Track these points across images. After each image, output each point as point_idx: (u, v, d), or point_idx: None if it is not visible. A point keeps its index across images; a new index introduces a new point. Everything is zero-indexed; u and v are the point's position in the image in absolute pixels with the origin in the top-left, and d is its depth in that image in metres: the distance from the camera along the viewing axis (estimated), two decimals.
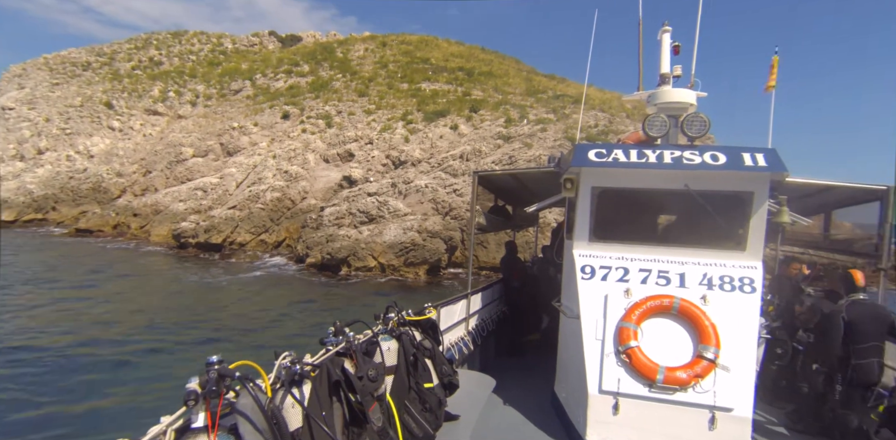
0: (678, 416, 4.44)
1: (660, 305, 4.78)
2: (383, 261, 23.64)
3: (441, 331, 5.76)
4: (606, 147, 5.30)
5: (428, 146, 32.21)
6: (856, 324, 5.18)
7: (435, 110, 36.18)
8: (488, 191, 8.96)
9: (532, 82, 43.88)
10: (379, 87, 42.44)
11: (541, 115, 33.08)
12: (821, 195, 6.55)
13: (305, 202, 30.88)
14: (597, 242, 5.35)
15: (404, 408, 3.61)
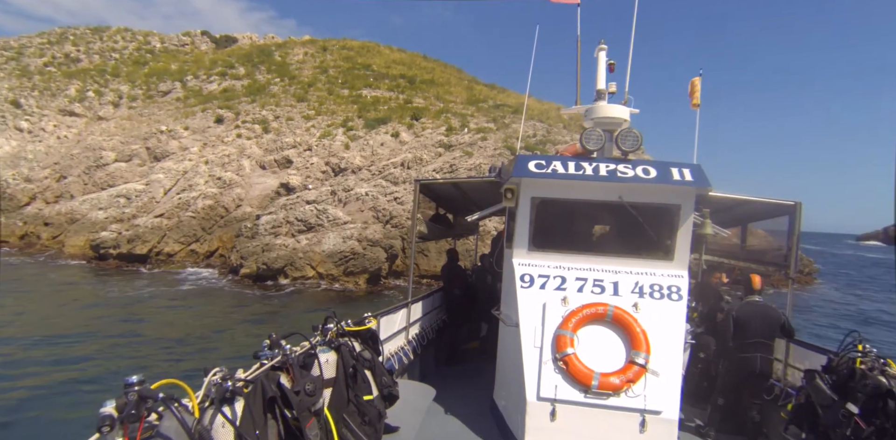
0: (611, 421, 4.61)
1: (595, 313, 4.94)
2: (322, 270, 23.11)
3: (381, 341, 5.74)
4: (546, 158, 5.47)
5: (369, 153, 31.97)
6: (744, 322, 5.77)
7: (376, 117, 36.00)
8: (430, 199, 9.01)
9: (473, 91, 44.68)
10: (319, 92, 41.69)
11: (481, 124, 33.74)
12: (738, 208, 7.06)
13: (240, 210, 29.65)
14: (536, 251, 5.49)
15: (343, 422, 3.55)
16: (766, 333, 5.70)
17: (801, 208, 6.07)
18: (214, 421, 2.37)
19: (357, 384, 3.74)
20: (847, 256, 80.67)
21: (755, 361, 5.65)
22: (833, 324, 21.85)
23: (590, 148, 5.45)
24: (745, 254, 7.94)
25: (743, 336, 5.75)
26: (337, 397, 3.58)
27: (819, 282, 36.19)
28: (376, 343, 4.43)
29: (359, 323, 4.34)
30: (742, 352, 5.74)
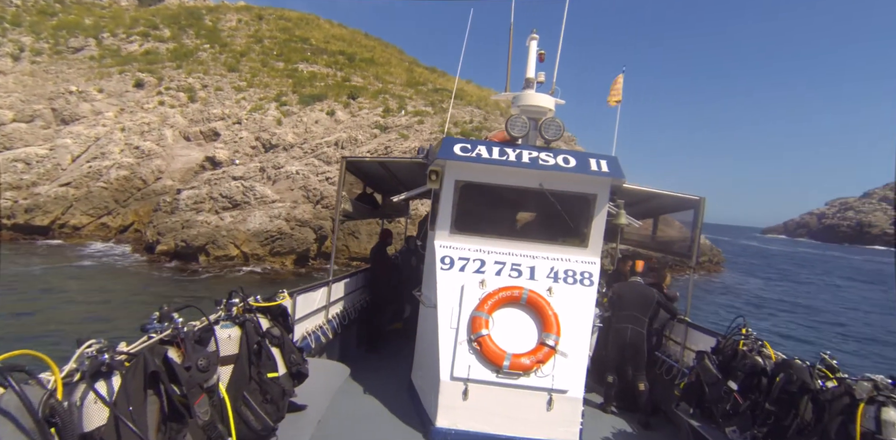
0: (520, 399, 4.78)
1: (510, 296, 5.09)
2: (247, 250, 22.18)
3: (293, 319, 5.58)
4: (472, 143, 5.54)
5: (302, 131, 30.80)
6: (620, 299, 6.27)
7: (312, 94, 34.65)
8: (358, 178, 8.83)
9: (413, 73, 44.05)
10: (252, 63, 39.43)
11: (419, 107, 33.42)
12: (651, 201, 7.45)
13: (160, 183, 27.74)
14: (457, 234, 5.55)
15: (243, 400, 3.42)
16: (638, 308, 6.18)
17: (703, 203, 6.51)
18: (86, 397, 2.18)
19: (261, 361, 3.60)
20: (753, 247, 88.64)
21: (626, 332, 6.11)
22: (731, 306, 24.03)
23: (514, 134, 5.55)
24: (656, 245, 8.45)
25: (620, 309, 6.23)
26: (238, 374, 3.44)
27: (725, 270, 39.59)
28: (287, 320, 4.30)
29: (269, 299, 4.18)
30: (617, 323, 6.20)
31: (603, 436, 5.60)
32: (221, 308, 3.61)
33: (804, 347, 17.51)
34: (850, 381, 3.85)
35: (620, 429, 5.87)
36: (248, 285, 16.19)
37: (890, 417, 3.53)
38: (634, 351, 6.19)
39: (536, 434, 4.78)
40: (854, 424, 3.64)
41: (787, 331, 20.61)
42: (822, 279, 43.69)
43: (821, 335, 20.37)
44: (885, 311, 27.91)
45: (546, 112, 5.96)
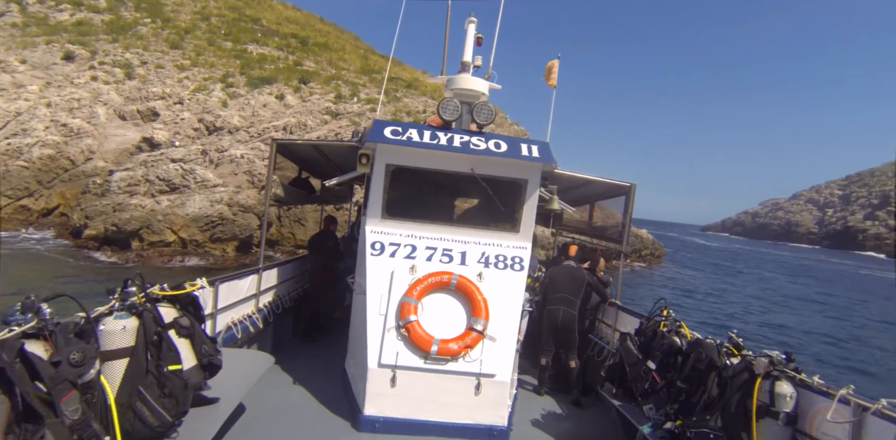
0: (448, 384, 4.76)
1: (440, 281, 5.05)
2: (185, 235, 21.19)
3: (215, 308, 5.33)
4: (403, 126, 5.43)
5: (249, 114, 29.61)
6: (553, 281, 6.39)
7: (261, 76, 33.35)
8: (292, 162, 8.55)
9: (368, 61, 43.18)
10: (197, 41, 37.45)
11: (372, 95, 32.83)
12: (585, 188, 7.56)
13: (90, 164, 25.98)
14: (389, 219, 5.47)
15: (138, 395, 3.18)
16: (570, 290, 6.32)
17: (634, 189, 6.67)
18: None
19: (161, 353, 3.37)
20: (693, 242, 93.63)
21: (558, 314, 6.23)
22: (667, 292, 25.18)
23: (445, 118, 5.48)
24: (591, 231, 8.64)
25: (553, 291, 6.35)
26: (134, 368, 3.18)
27: (665, 263, 41.59)
28: (198, 309, 4.06)
29: (177, 287, 3.93)
30: (550, 305, 6.32)
31: (534, 417, 5.66)
32: (115, 297, 3.33)
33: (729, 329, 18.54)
34: (750, 358, 4.04)
35: (551, 410, 5.97)
36: (179, 273, 15.35)
37: (782, 390, 3.74)
38: (566, 332, 6.31)
39: (465, 419, 4.79)
40: (752, 398, 3.84)
41: (711, 314, 21.79)
42: (750, 271, 46.65)
43: (740, 319, 21.69)
44: (792, 299, 30.08)
45: (479, 96, 5.89)
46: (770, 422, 3.73)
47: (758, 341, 18.26)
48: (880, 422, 3.13)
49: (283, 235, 23.11)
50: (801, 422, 3.75)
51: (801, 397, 3.73)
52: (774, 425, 3.71)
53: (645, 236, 39.84)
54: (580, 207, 8.74)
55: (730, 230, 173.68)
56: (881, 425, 3.12)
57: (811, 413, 3.70)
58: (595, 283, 6.64)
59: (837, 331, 21.65)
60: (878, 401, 3.17)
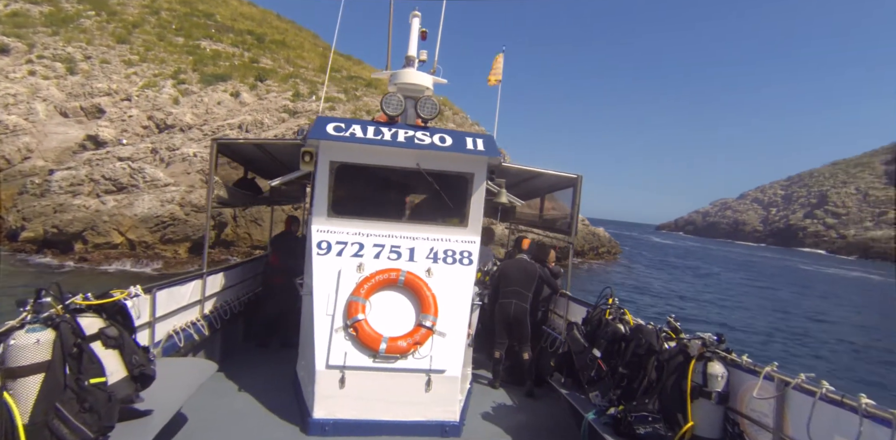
0: (398, 382, 4.72)
1: (387, 278, 5.01)
2: (133, 237, 20.31)
3: (153, 316, 5.13)
4: (346, 121, 5.35)
5: (202, 111, 28.68)
6: (505, 274, 6.44)
7: (215, 73, 32.36)
8: (237, 162, 8.29)
9: (327, 59, 42.64)
10: (146, 35, 35.96)
11: (332, 94, 32.44)
12: (534, 180, 7.65)
13: (28, 163, 24.53)
14: (335, 218, 5.38)
15: (55, 412, 2.97)
16: (522, 284, 6.37)
17: (580, 181, 6.82)
18: None
19: (82, 366, 3.17)
20: (650, 241, 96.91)
21: (510, 307, 6.29)
22: (619, 286, 26.11)
23: (389, 113, 5.43)
24: (542, 223, 8.79)
25: (505, 285, 6.40)
26: (51, 383, 2.95)
27: (621, 260, 42.91)
28: (127, 318, 3.87)
29: (102, 296, 3.73)
30: (502, 298, 6.38)
31: (487, 411, 5.68)
32: (28, 309, 3.10)
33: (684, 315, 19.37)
34: (685, 341, 4.22)
35: (505, 403, 6.02)
36: (126, 277, 14.62)
37: (714, 370, 3.92)
38: (519, 325, 6.38)
39: (416, 416, 4.77)
40: (686, 379, 4.01)
41: (662, 306, 22.64)
42: (699, 266, 48.70)
43: (690, 312, 22.64)
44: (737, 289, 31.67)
45: (423, 90, 5.86)
46: (703, 401, 3.90)
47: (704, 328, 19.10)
48: (799, 395, 3.33)
49: (239, 236, 22.51)
50: (733, 399, 3.94)
51: (732, 376, 3.92)
52: (707, 404, 3.88)
53: (602, 235, 40.97)
54: (531, 200, 8.87)
55: (682, 229, 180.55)
56: (800, 398, 3.32)
57: (741, 391, 3.89)
58: (546, 276, 6.75)
59: (778, 321, 22.90)
60: (798, 376, 3.37)
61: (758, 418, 3.72)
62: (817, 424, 3.14)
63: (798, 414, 3.33)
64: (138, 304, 4.56)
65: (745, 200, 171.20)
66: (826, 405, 3.12)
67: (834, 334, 21.42)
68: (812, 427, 3.15)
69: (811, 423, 3.16)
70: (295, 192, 10.61)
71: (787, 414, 3.45)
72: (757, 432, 3.73)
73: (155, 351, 5.04)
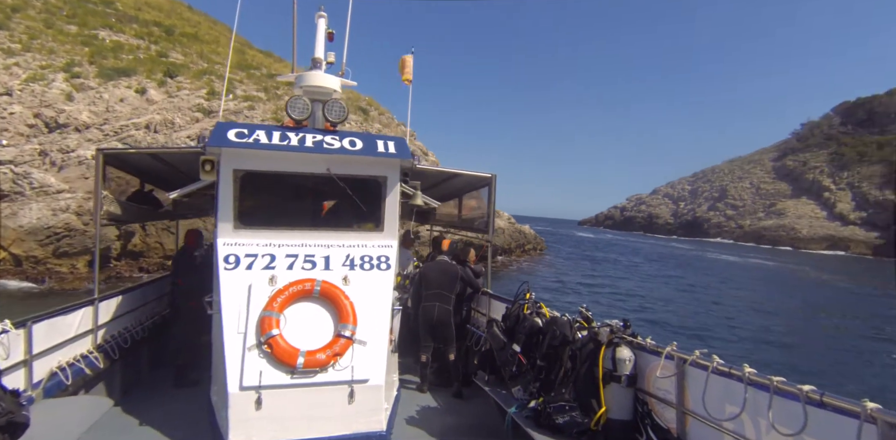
0: (319, 397, 4.55)
1: (302, 290, 4.83)
2: (19, 251, 18.23)
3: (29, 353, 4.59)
4: (249, 127, 5.12)
5: (102, 109, 26.28)
6: (426, 277, 6.45)
7: (116, 67, 29.79)
8: (130, 174, 7.64)
9: (245, 56, 40.64)
10: (30, 21, 32.37)
11: (250, 92, 30.96)
12: (450, 181, 7.68)
13: None
14: (243, 229, 5.12)
15: None
16: (444, 285, 6.41)
17: (495, 180, 6.94)
18: None
19: None
20: (573, 236, 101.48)
21: (434, 309, 6.29)
22: (544, 281, 27.31)
23: (295, 117, 5.30)
24: (461, 223, 8.87)
25: (427, 288, 6.41)
26: None
27: (547, 256, 44.48)
28: None
29: None
30: (425, 302, 6.38)
31: (416, 416, 5.62)
32: None
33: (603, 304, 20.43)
34: (595, 329, 4.40)
35: (434, 406, 5.98)
36: (9, 299, 13.04)
37: (622, 355, 4.11)
38: (443, 327, 6.37)
39: (340, 430, 4.61)
40: (598, 366, 4.17)
41: (586, 297, 23.76)
42: (617, 258, 51.76)
43: (605, 297, 23.98)
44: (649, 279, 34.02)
45: (331, 93, 5.72)
46: (614, 385, 4.08)
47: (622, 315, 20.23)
48: (695, 371, 3.59)
49: (150, 246, 20.87)
50: (640, 381, 4.16)
51: (639, 359, 4.14)
52: (618, 388, 4.07)
53: (528, 232, 42.28)
54: (449, 202, 8.92)
55: (602, 223, 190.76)
56: (696, 373, 3.58)
57: (647, 371, 4.12)
58: (467, 276, 6.79)
59: (689, 305, 24.78)
60: (693, 353, 3.61)
61: (663, 396, 3.95)
62: (711, 396, 3.39)
63: (695, 388, 3.56)
64: (8, 342, 4.09)
65: (657, 195, 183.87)
66: (717, 377, 3.37)
67: (733, 314, 23.50)
68: (707, 398, 3.39)
69: (706, 395, 3.40)
70: (203, 203, 9.88)
71: (687, 389, 3.70)
72: (663, 409, 3.95)
73: (34, 392, 4.51)
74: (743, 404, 3.10)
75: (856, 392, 12.50)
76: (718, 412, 3.32)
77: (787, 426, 2.79)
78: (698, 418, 3.53)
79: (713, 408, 3.35)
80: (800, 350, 17.39)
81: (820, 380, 13.65)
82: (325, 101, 5.45)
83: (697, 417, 3.55)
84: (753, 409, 3.06)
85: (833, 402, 2.58)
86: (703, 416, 3.44)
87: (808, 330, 21.34)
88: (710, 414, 3.36)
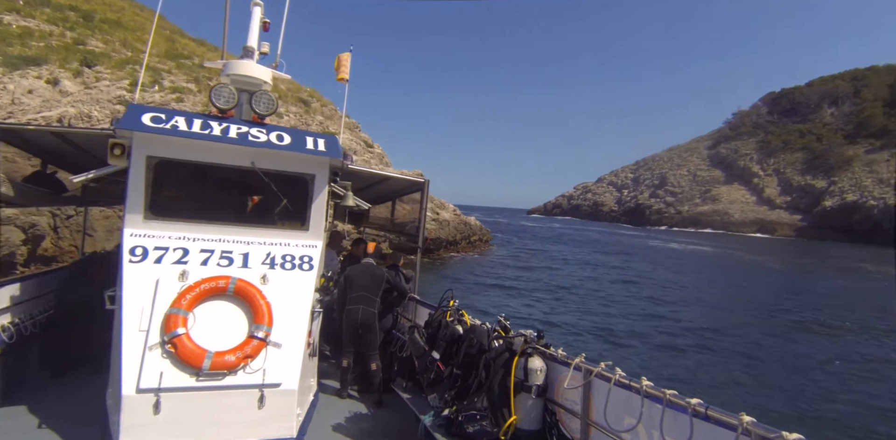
0: (226, 401, 4.30)
1: (215, 287, 4.57)
2: None
3: None
4: (167, 112, 4.81)
5: (6, 101, 24.01)
6: (352, 280, 6.30)
7: (24, 55, 27.29)
8: (31, 152, 7.09)
9: (175, 44, 38.27)
10: None
11: (180, 84, 29.21)
12: (385, 184, 7.51)
13: None
14: (154, 220, 4.79)
15: None
16: (369, 289, 6.28)
17: (427, 185, 6.85)
18: None
19: None
20: (521, 225, 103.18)
21: (357, 313, 6.16)
22: (487, 277, 27.39)
23: (219, 106, 5.03)
24: (393, 227, 8.71)
25: (352, 291, 6.27)
26: None
27: (493, 248, 44.85)
28: None
29: None
30: (349, 305, 6.23)
31: (332, 422, 5.46)
32: None
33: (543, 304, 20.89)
34: (510, 339, 4.33)
35: (352, 413, 5.82)
36: None
37: (534, 365, 4.05)
38: (367, 331, 6.21)
39: (248, 436, 4.38)
40: (510, 376, 4.09)
41: (526, 291, 24.21)
42: (556, 248, 53.04)
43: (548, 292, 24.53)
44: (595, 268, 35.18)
45: (260, 84, 5.49)
46: (525, 396, 4.03)
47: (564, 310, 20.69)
48: (600, 382, 3.60)
49: (64, 249, 19.34)
50: (551, 391, 4.13)
51: (551, 369, 4.10)
52: (528, 398, 4.03)
53: (474, 223, 42.48)
54: (383, 204, 8.72)
55: (550, 212, 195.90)
56: (601, 384, 3.59)
57: (557, 382, 4.09)
58: (394, 280, 6.63)
59: (629, 299, 25.74)
60: (599, 365, 3.60)
61: (570, 406, 3.95)
62: (613, 407, 3.42)
63: (599, 399, 3.58)
64: None
65: (602, 183, 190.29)
66: (619, 389, 3.39)
67: (670, 307, 24.59)
68: (609, 410, 3.43)
69: (608, 406, 3.44)
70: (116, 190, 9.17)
71: (592, 400, 3.70)
72: (570, 420, 3.95)
73: None
74: (640, 416, 3.12)
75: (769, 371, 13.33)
76: (618, 423, 3.34)
77: (677, 438, 2.82)
78: (600, 429, 3.55)
79: (614, 420, 3.38)
80: (742, 339, 18.24)
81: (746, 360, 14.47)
82: (254, 91, 5.21)
83: (600, 428, 3.56)
84: (648, 421, 3.10)
85: (715, 415, 2.65)
86: (605, 427, 3.47)
87: (736, 317, 22.55)
88: (611, 425, 3.39)
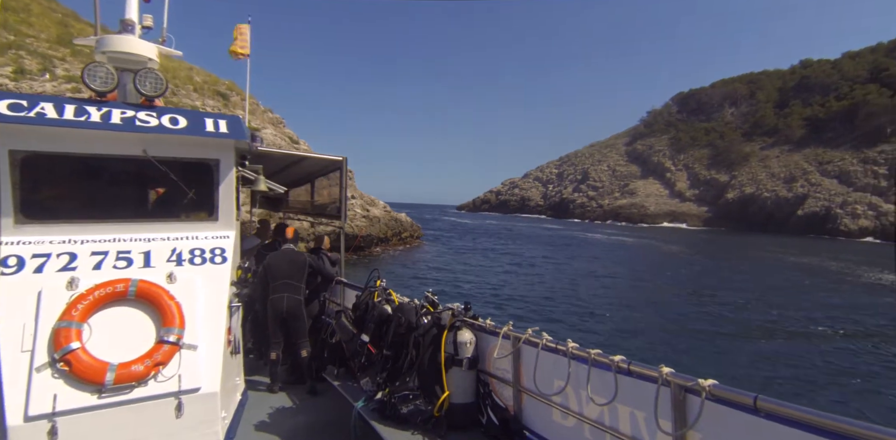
0: (138, 416, 3.88)
1: (112, 292, 4.08)
2: None
3: None
4: (29, 98, 4.16)
5: None
6: (273, 267, 6.02)
7: None
8: None
9: (70, 29, 34.73)
10: None
11: (74, 72, 26.55)
12: (301, 166, 7.17)
13: None
14: (28, 224, 4.20)
15: None
16: (292, 275, 6.03)
17: (346, 162, 6.60)
18: None
19: None
20: (451, 221, 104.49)
21: (283, 301, 5.90)
22: (422, 270, 27.58)
23: (95, 88, 4.38)
24: (314, 210, 8.39)
25: (274, 279, 5.99)
26: None
27: (424, 243, 45.01)
28: None
29: None
30: (273, 293, 5.96)
31: (264, 419, 5.16)
32: None
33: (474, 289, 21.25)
34: (438, 314, 4.27)
35: (285, 406, 5.55)
36: None
37: (463, 338, 4.02)
38: (294, 319, 5.95)
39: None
40: (440, 352, 4.04)
41: (466, 283, 24.55)
42: (483, 241, 54.39)
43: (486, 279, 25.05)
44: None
45: (144, 61, 4.85)
46: (456, 370, 4.00)
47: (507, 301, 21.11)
48: (528, 348, 3.64)
49: None
50: (482, 363, 4.12)
51: (480, 340, 4.10)
52: (459, 372, 4.00)
53: (404, 219, 42.37)
54: (302, 187, 8.38)
55: (479, 208, 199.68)
56: (529, 350, 3.64)
57: (488, 352, 4.10)
58: (317, 264, 6.37)
59: (557, 285, 26.78)
60: (526, 332, 3.63)
61: (502, 375, 3.96)
62: (542, 372, 3.46)
63: (528, 365, 3.62)
64: None
65: (528, 179, 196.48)
66: (546, 353, 3.44)
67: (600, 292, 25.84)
68: (538, 375, 3.47)
69: (537, 372, 3.47)
70: None
71: (522, 367, 3.74)
72: (502, 388, 3.97)
73: None
74: (567, 377, 3.17)
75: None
76: (548, 387, 3.40)
77: (603, 395, 2.91)
78: (531, 394, 3.60)
79: (543, 384, 3.43)
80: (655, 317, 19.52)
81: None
82: (137, 70, 4.61)
83: (530, 393, 3.61)
84: (576, 382, 3.17)
85: (637, 370, 2.74)
86: (535, 392, 3.52)
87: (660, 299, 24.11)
88: (541, 389, 3.45)
